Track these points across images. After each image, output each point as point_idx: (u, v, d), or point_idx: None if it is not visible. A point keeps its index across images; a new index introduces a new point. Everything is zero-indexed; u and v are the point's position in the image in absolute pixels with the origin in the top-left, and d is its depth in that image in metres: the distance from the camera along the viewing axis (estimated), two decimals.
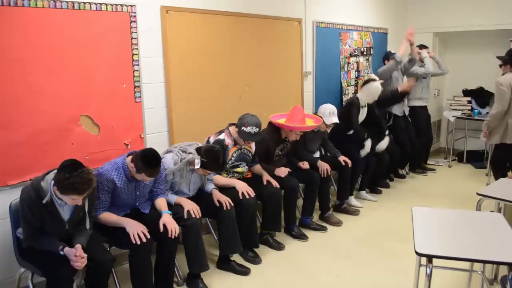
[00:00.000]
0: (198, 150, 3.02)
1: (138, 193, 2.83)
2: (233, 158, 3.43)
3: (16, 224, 2.51)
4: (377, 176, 4.99)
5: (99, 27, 3.01)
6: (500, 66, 4.56)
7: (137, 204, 2.88)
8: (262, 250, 3.57)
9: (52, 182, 2.29)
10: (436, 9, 6.31)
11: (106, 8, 3.03)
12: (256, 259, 3.37)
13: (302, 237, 3.78)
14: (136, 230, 2.59)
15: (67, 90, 2.91)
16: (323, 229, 3.97)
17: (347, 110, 4.51)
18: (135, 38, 3.22)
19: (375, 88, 4.48)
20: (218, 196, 3.15)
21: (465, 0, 6.05)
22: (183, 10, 3.52)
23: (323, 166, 4.00)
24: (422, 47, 5.65)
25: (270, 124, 3.79)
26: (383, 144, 4.67)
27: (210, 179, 3.30)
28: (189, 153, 3.01)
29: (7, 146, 2.66)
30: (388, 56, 5.36)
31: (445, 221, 2.37)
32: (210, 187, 3.25)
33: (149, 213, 2.90)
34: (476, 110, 6.19)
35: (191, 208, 2.93)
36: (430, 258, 2.00)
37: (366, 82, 4.58)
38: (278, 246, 3.61)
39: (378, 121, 4.78)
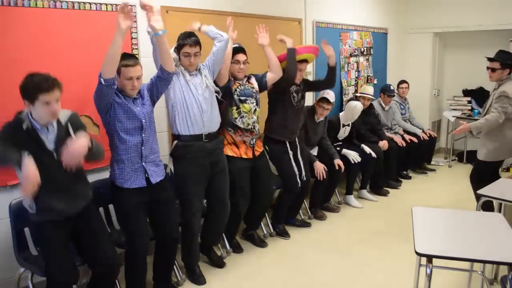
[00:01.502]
0: None
1: (144, 121, 2.60)
2: (237, 92, 3.28)
3: (16, 224, 2.51)
4: (378, 178, 4.97)
5: (99, 27, 3.01)
6: (493, 70, 3.59)
7: (143, 152, 2.61)
8: (262, 250, 3.57)
9: (28, 112, 2.17)
10: (436, 9, 6.31)
11: (106, 8, 3.03)
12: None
13: (285, 235, 3.82)
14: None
15: (67, 90, 2.88)
16: (307, 225, 4.04)
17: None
18: (135, 38, 3.22)
19: (353, 107, 4.52)
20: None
21: (465, 0, 6.05)
22: (183, 10, 3.52)
23: (319, 170, 4.01)
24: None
25: None
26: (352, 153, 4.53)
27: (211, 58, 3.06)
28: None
29: None
30: (385, 90, 5.38)
31: (445, 221, 2.37)
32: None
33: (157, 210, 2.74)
34: (476, 110, 6.18)
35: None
36: (430, 258, 2.00)
37: (348, 100, 4.68)
38: (261, 244, 3.65)
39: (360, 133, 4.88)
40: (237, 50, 3.29)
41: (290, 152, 3.72)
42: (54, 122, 2.26)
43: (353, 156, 4.40)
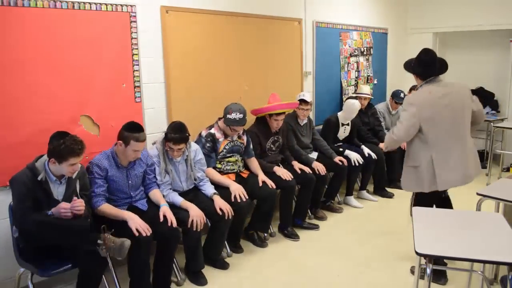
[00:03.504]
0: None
1: (130, 182, 2.88)
2: (224, 150, 3.48)
3: (16, 224, 2.50)
4: (381, 180, 4.97)
5: (99, 27, 3.01)
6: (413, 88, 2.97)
7: (132, 194, 2.92)
8: (262, 250, 3.57)
9: (47, 160, 2.38)
10: (436, 9, 6.31)
11: (106, 8, 3.03)
12: (239, 250, 3.54)
13: (294, 236, 3.79)
14: (138, 224, 2.63)
15: (67, 90, 2.91)
16: (315, 227, 3.99)
17: (323, 128, 4.70)
18: (135, 38, 3.22)
19: (351, 105, 4.55)
20: (220, 203, 3.13)
21: (465, 0, 6.05)
22: (183, 10, 3.52)
23: (318, 167, 4.02)
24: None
25: (256, 118, 3.91)
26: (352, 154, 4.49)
27: (201, 168, 3.28)
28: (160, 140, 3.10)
29: (7, 146, 2.66)
30: (394, 95, 5.32)
31: (445, 221, 2.37)
32: (210, 191, 3.23)
33: (148, 210, 2.92)
34: None
35: (196, 219, 2.92)
36: (430, 258, 2.00)
37: (346, 99, 4.73)
38: (261, 244, 3.63)
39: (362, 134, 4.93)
40: (240, 122, 3.39)
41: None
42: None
43: (355, 158, 4.41)
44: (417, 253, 1.99)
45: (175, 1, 3.46)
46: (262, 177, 3.59)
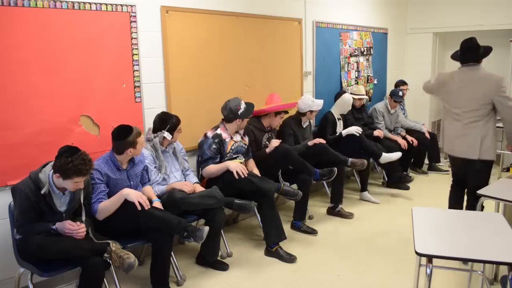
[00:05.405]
0: (155, 129, 3.16)
1: (132, 182, 2.90)
2: (231, 151, 3.54)
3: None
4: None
5: (99, 27, 3.01)
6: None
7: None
8: (262, 250, 3.56)
9: (51, 172, 2.36)
10: (436, 9, 6.31)
11: (106, 8, 3.03)
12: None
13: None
14: (139, 197, 2.68)
15: (67, 90, 2.91)
16: (313, 232, 3.90)
17: (322, 125, 4.73)
18: (135, 38, 3.22)
19: (346, 100, 4.66)
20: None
21: (465, 0, 6.05)
22: (183, 10, 3.53)
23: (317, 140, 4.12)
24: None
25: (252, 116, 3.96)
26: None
27: (184, 158, 3.38)
28: (154, 137, 3.14)
29: (7, 146, 2.66)
30: (393, 93, 5.31)
31: (445, 221, 2.37)
32: (193, 180, 3.32)
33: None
34: None
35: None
36: (430, 258, 2.00)
37: (339, 94, 4.81)
38: (290, 258, 3.37)
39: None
40: (251, 106, 3.60)
41: None
42: None
43: (355, 129, 4.47)
44: (417, 253, 2.00)
45: (175, 1, 3.47)
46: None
